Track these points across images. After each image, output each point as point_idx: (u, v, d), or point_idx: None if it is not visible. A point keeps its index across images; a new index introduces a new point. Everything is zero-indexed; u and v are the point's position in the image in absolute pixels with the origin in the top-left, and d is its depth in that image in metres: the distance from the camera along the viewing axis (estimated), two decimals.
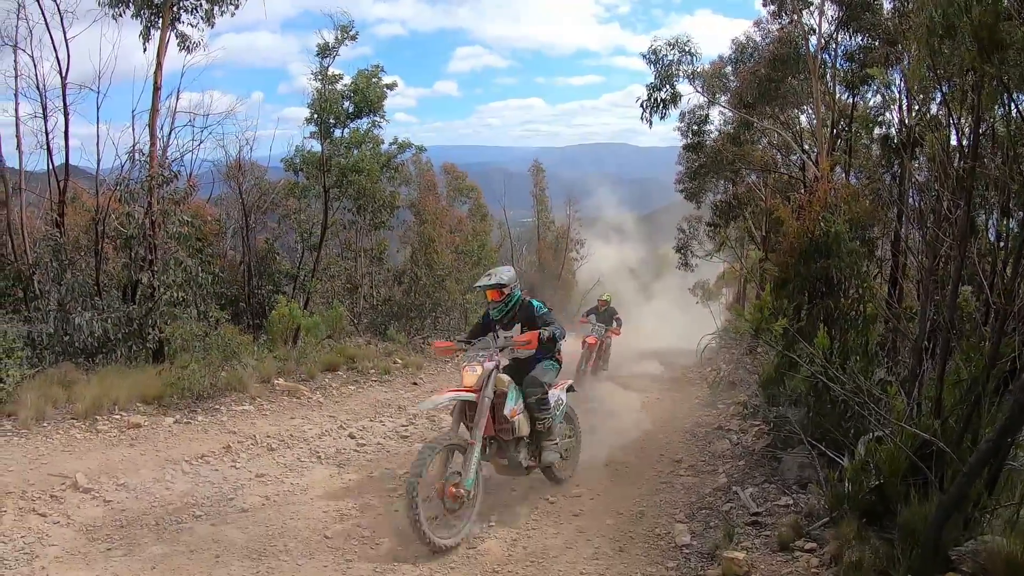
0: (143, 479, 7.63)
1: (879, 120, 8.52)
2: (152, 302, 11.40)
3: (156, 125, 11.94)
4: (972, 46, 4.64)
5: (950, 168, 6.12)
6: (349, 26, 15.47)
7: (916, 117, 6.63)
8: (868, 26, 10.76)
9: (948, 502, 4.99)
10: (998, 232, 6.25)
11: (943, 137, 5.98)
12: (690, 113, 15.28)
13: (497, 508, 7.61)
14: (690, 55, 13.49)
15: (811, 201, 8.19)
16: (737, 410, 11.70)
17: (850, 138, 11.37)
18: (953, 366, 6.01)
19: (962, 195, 5.64)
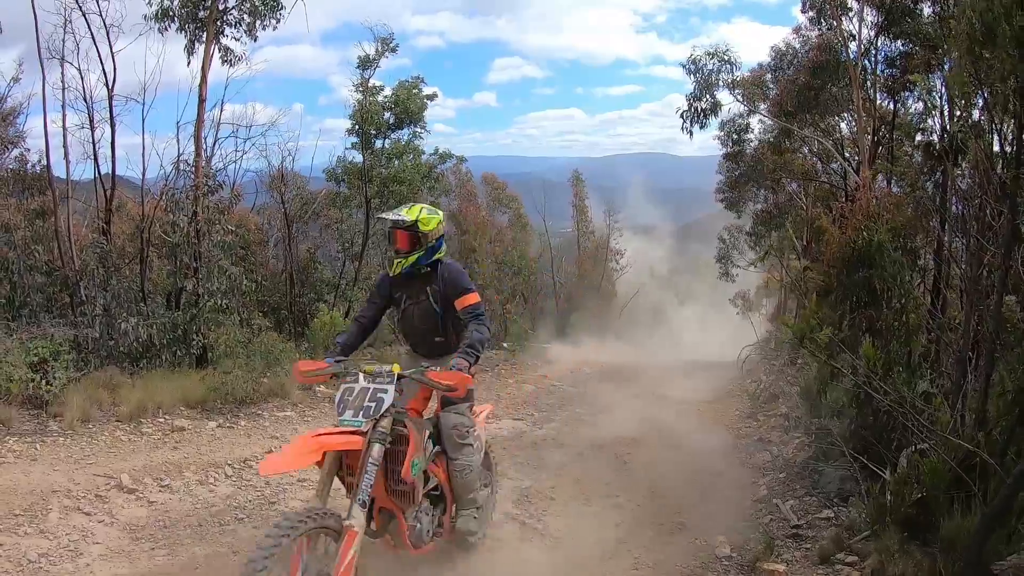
0: (186, 481, 7.81)
1: (921, 127, 8.39)
2: (196, 309, 11.64)
3: (201, 136, 12.23)
4: (1013, 52, 4.62)
5: (993, 175, 6.05)
6: (389, 38, 15.81)
7: (958, 123, 6.54)
8: (908, 31, 10.60)
9: (991, 515, 4.93)
10: None
11: (986, 143, 5.91)
12: (730, 122, 15.26)
13: (534, 515, 7.72)
14: (729, 64, 13.49)
15: (853, 210, 8.12)
16: (778, 422, 11.56)
17: (891, 145, 11.20)
18: (997, 377, 5.93)
19: (1006, 202, 5.59)
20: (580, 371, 17.28)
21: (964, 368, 6.63)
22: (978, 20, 5.07)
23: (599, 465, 9.52)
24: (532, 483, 8.67)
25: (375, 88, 16.21)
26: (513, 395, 14.09)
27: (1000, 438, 5.41)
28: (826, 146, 12.37)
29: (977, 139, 5.85)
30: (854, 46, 11.05)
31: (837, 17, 11.55)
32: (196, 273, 11.85)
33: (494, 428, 11.35)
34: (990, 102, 5.66)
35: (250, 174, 14.16)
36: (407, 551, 4.99)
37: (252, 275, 12.44)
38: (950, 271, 8.31)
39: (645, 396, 14.25)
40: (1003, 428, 5.55)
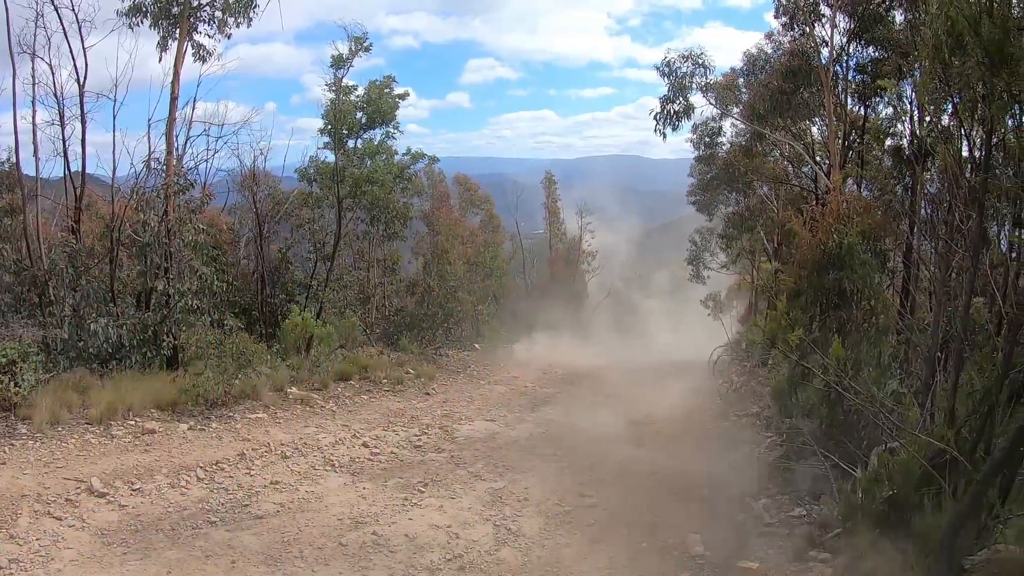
0: (158, 484, 7.73)
1: (891, 132, 8.56)
2: (167, 309, 11.50)
3: (173, 134, 12.10)
4: (983, 61, 4.71)
5: (962, 179, 6.18)
6: (363, 38, 15.71)
7: (927, 129, 6.67)
8: (880, 38, 10.81)
9: (962, 511, 5.02)
10: (1010, 243, 6.27)
11: (955, 149, 6.03)
12: (703, 125, 15.44)
13: (509, 516, 7.72)
14: (703, 67, 13.63)
15: (824, 213, 8.24)
16: (750, 421, 11.67)
17: (862, 150, 11.39)
18: (966, 377, 6.05)
19: (975, 207, 5.70)
20: (552, 372, 17.28)
21: (933, 368, 6.76)
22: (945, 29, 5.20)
23: (572, 466, 9.53)
24: (505, 484, 8.69)
25: (348, 88, 16.16)
26: (485, 396, 14.05)
27: (969, 436, 5.50)
28: (797, 150, 12.53)
29: (946, 144, 5.93)
30: (826, 51, 11.26)
31: (810, 23, 11.74)
32: (167, 273, 11.65)
33: (467, 430, 11.36)
34: (959, 108, 5.77)
35: (221, 173, 13.99)
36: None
37: (223, 275, 12.22)
38: (919, 273, 8.49)
39: (618, 397, 14.28)
40: (972, 426, 5.65)
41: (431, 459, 9.62)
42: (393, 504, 7.80)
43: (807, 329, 8.08)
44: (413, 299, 17.79)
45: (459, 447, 10.27)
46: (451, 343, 17.69)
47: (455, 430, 11.20)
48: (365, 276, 17.59)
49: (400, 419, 11.54)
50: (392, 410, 12.08)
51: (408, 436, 10.61)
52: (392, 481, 8.55)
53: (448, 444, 10.41)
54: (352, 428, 10.63)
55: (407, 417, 11.72)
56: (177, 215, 11.77)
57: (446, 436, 10.84)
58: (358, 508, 7.59)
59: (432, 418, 11.82)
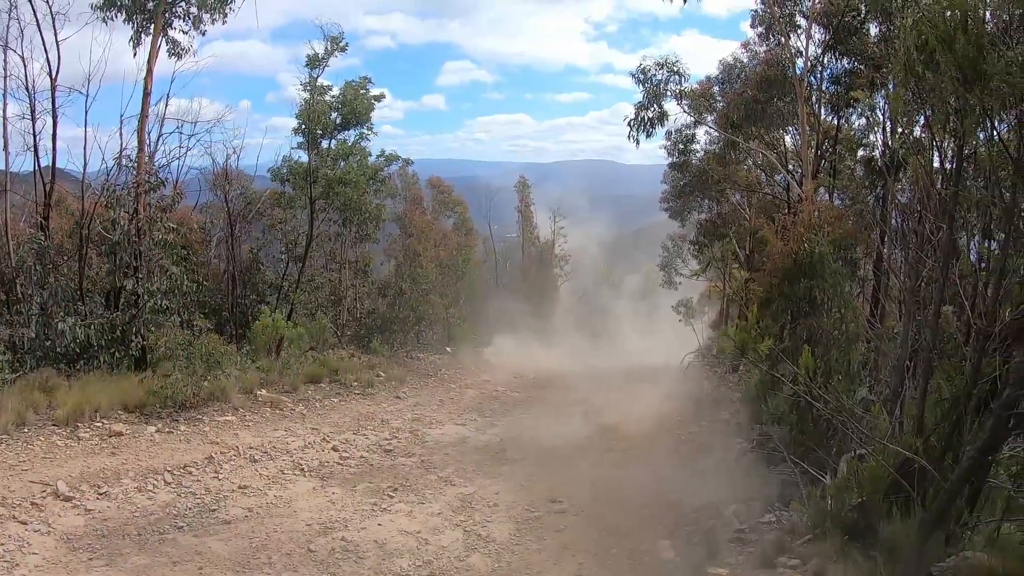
0: (125, 488, 7.56)
1: (863, 142, 8.68)
2: (136, 309, 11.26)
3: (145, 131, 11.88)
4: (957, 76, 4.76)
5: (933, 191, 6.27)
6: (339, 37, 15.59)
7: (900, 140, 6.77)
8: (854, 50, 10.99)
9: (931, 518, 5.06)
10: (979, 254, 6.37)
11: (926, 160, 6.11)
12: (677, 132, 15.44)
13: (479, 522, 7.65)
14: (678, 75, 13.69)
15: (795, 222, 8.31)
16: (720, 427, 11.73)
17: (834, 160, 11.56)
18: (935, 385, 6.12)
19: (945, 218, 5.78)
20: (523, 376, 17.24)
21: (902, 376, 6.84)
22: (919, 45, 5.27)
23: (543, 471, 9.48)
24: (475, 489, 8.64)
25: (323, 88, 15.95)
26: (456, 400, 13.97)
27: (938, 444, 5.55)
28: (770, 159, 12.66)
29: (918, 156, 6.01)
30: (801, 62, 11.38)
31: (785, 33, 11.87)
32: (136, 272, 11.39)
33: (437, 434, 11.27)
34: (931, 121, 5.85)
35: (193, 171, 13.68)
36: None
37: (194, 275, 11.97)
38: (888, 282, 8.60)
39: (588, 402, 14.27)
40: (940, 434, 5.71)
41: (401, 463, 9.52)
42: (362, 509, 7.70)
43: (778, 338, 8.11)
44: (385, 301, 17.62)
45: (429, 451, 10.19)
46: (422, 346, 17.56)
47: (425, 434, 11.11)
48: (337, 278, 17.35)
49: (370, 423, 11.41)
50: (362, 413, 11.94)
51: (378, 440, 10.49)
52: (361, 486, 8.44)
53: (418, 448, 10.32)
54: (321, 431, 10.48)
55: (377, 421, 11.59)
56: (147, 213, 11.51)
57: (416, 440, 10.75)
58: (327, 513, 7.48)
59: (402, 422, 11.71)
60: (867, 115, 10.33)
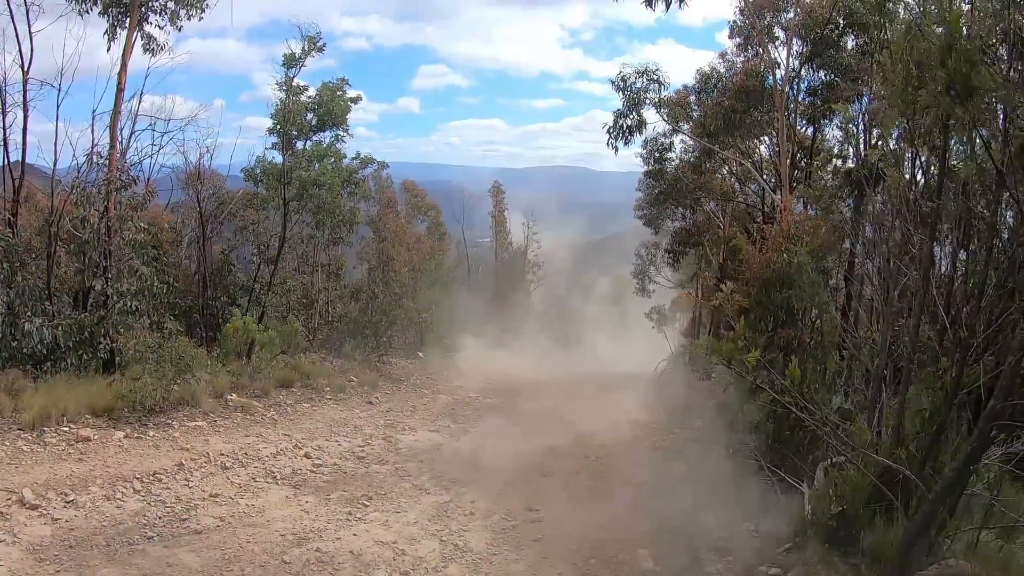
0: (93, 496, 7.29)
1: (842, 154, 8.80)
2: (105, 310, 10.90)
3: (117, 127, 11.53)
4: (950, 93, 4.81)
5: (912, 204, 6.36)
6: (316, 37, 15.28)
7: (878, 153, 6.85)
8: (831, 63, 11.16)
9: (915, 528, 5.11)
10: (954, 266, 6.47)
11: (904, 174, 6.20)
12: (652, 140, 15.56)
13: (455, 531, 7.53)
14: (658, 83, 13.78)
15: (773, 232, 8.37)
16: (694, 435, 11.76)
17: (809, 170, 11.70)
18: (913, 395, 6.19)
19: (926, 230, 5.86)
20: (495, 383, 17.11)
21: (880, 387, 6.91)
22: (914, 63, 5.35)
23: (519, 478, 9.40)
24: (451, 498, 8.52)
25: (299, 88, 15.66)
26: (428, 406, 13.82)
27: (918, 454, 5.61)
28: (746, 167, 12.78)
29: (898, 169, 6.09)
30: (781, 72, 11.49)
31: (764, 45, 12.01)
32: (106, 272, 11.01)
33: (409, 439, 11.12)
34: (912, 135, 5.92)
35: (165, 170, 13.28)
36: None
37: (164, 276, 11.60)
38: (861, 291, 8.71)
39: (561, 409, 14.22)
40: (920, 444, 5.77)
41: (375, 471, 9.35)
42: (337, 519, 7.53)
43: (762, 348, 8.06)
44: (357, 305, 17.36)
45: (403, 459, 10.05)
46: (394, 351, 17.34)
47: (399, 441, 10.97)
48: (309, 281, 17.05)
49: (343, 429, 11.22)
50: (335, 419, 11.73)
51: (351, 447, 10.31)
52: (335, 494, 8.26)
53: (392, 456, 10.17)
54: (294, 438, 10.25)
55: (350, 427, 11.40)
56: (119, 212, 11.13)
57: (390, 447, 10.60)
58: (301, 523, 7.29)
59: (375, 428, 11.54)
60: (844, 127, 10.48)
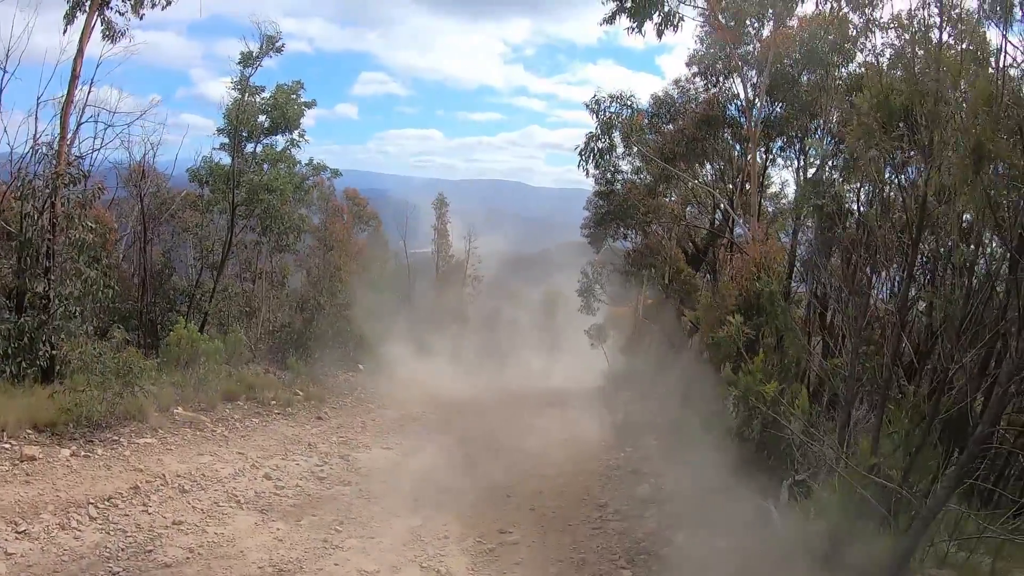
0: (46, 525, 6.70)
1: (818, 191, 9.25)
2: (46, 315, 10.03)
3: (68, 117, 10.59)
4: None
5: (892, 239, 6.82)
6: (276, 37, 14.75)
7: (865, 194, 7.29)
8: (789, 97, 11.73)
9: (908, 542, 5.40)
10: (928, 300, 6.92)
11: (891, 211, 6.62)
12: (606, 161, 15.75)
13: (434, 556, 7.38)
14: (629, 108, 14.09)
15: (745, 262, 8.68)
16: (647, 452, 11.96)
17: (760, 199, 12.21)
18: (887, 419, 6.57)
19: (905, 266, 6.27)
20: (439, 398, 16.87)
21: (850, 409, 7.29)
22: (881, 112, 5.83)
23: (483, 499, 9.34)
24: (422, 521, 8.35)
25: (255, 88, 14.99)
26: (378, 422, 13.50)
27: (895, 474, 5.93)
28: (709, 192, 13.20)
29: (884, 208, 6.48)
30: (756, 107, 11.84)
31: (728, 76, 12.50)
32: (48, 274, 10.11)
33: (366, 457, 10.83)
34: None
35: (107, 164, 12.23)
36: None
37: (108, 279, 10.68)
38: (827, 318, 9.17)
39: (508, 425, 14.20)
40: (894, 464, 6.12)
41: (339, 493, 9.07)
42: (314, 547, 7.24)
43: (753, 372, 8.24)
44: (302, 316, 16.70)
45: (365, 479, 9.80)
46: (338, 363, 16.79)
47: (356, 459, 10.70)
48: (251, 288, 16.25)
49: (297, 446, 10.81)
50: (287, 436, 11.28)
51: (309, 466, 9.96)
52: (305, 520, 7.95)
53: (352, 476, 9.90)
54: (249, 456, 9.79)
55: (304, 444, 11.00)
56: (65, 209, 10.21)
57: (348, 467, 10.32)
58: (277, 553, 6.95)
59: (329, 445, 11.20)
60: (815, 162, 11.03)
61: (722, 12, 11.91)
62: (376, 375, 17.75)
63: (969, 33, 5.50)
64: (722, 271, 11.43)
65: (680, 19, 12.13)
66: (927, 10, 5.30)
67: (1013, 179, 4.61)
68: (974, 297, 5.69)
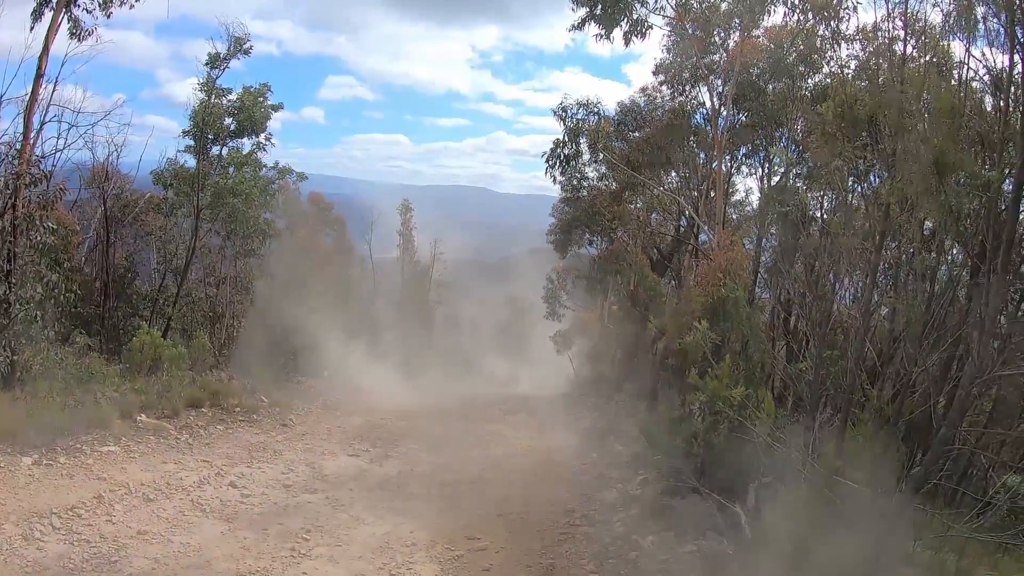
0: (8, 536, 6.48)
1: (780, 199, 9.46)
2: (6, 319, 9.66)
3: (33, 116, 10.26)
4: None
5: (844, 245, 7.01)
6: (244, 39, 14.55)
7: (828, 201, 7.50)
8: (755, 106, 11.99)
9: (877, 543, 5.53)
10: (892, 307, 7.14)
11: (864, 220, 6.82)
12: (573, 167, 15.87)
13: (403, 564, 7.30)
14: (596, 115, 14.24)
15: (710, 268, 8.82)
16: (615, 459, 12.03)
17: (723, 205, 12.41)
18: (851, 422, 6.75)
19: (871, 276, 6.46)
20: (404, 405, 16.74)
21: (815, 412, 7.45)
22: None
23: (451, 506, 9.29)
24: (390, 528, 8.27)
25: (222, 90, 14.72)
26: (343, 429, 13.31)
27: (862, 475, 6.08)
28: (674, 199, 13.38)
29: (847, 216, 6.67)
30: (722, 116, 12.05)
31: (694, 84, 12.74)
32: (8, 277, 9.76)
33: (332, 465, 10.67)
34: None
35: (69, 164, 11.82)
36: None
37: (70, 283, 10.31)
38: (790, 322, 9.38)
39: (474, 431, 14.16)
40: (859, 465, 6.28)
41: (306, 501, 8.91)
42: (281, 556, 7.10)
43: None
44: (267, 321, 16.39)
45: (331, 486, 9.65)
46: (301, 369, 16.56)
47: (322, 467, 10.53)
48: (215, 293, 15.90)
49: (262, 454, 10.61)
50: (252, 443, 11.06)
51: (275, 474, 9.77)
52: (272, 528, 7.78)
53: (319, 483, 9.75)
54: (214, 464, 9.58)
55: (269, 451, 10.79)
56: (27, 210, 9.84)
57: (315, 474, 10.15)
58: (244, 563, 6.79)
59: (295, 453, 11.00)
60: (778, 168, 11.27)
61: (690, 22, 12.13)
62: (340, 381, 17.54)
63: (933, 47, 5.70)
64: (687, 277, 11.58)
65: (648, 27, 12.33)
66: (891, 23, 5.53)
67: (974, 188, 4.79)
68: (935, 302, 5.90)
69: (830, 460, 6.61)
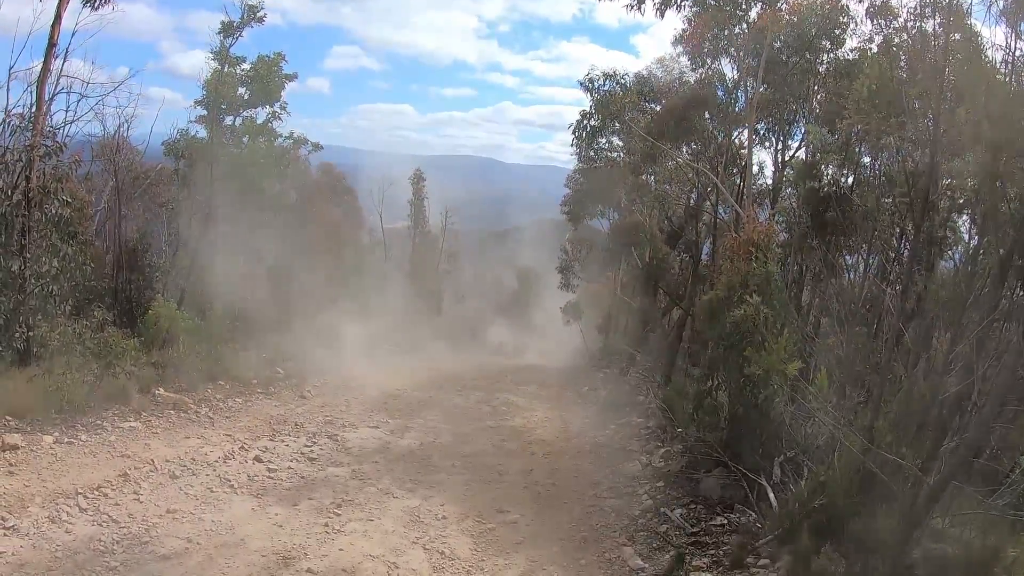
0: (35, 519, 6.37)
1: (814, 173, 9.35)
2: (22, 294, 9.51)
3: (45, 88, 9.99)
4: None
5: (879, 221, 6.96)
6: (257, 6, 14.16)
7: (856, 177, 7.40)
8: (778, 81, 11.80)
9: (914, 516, 5.57)
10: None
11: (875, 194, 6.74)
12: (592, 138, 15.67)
13: (435, 538, 7.35)
14: (621, 87, 14.00)
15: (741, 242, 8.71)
16: (633, 431, 12.09)
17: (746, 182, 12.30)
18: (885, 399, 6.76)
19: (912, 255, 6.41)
20: (417, 374, 16.79)
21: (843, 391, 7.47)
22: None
23: (476, 480, 9.32)
24: (420, 502, 8.31)
25: (235, 59, 14.44)
26: (361, 400, 13.34)
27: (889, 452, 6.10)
28: (706, 172, 13.16)
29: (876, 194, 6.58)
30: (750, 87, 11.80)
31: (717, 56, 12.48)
32: (24, 252, 9.58)
33: (354, 437, 10.72)
34: None
35: (81, 136, 11.62)
36: None
37: (84, 256, 10.18)
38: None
39: (490, 404, 14.23)
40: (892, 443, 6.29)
41: (333, 475, 8.94)
42: (316, 532, 7.11)
43: None
44: (281, 292, 16.32)
45: (356, 460, 9.69)
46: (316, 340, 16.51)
47: (345, 439, 10.57)
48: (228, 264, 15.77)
49: (284, 427, 10.64)
50: (272, 416, 11.09)
51: (299, 447, 9.81)
52: (303, 503, 7.81)
53: (344, 456, 9.78)
54: (236, 438, 9.59)
55: (291, 424, 10.83)
56: (41, 183, 9.68)
57: (338, 447, 10.19)
58: (279, 539, 6.79)
59: (316, 425, 11.04)
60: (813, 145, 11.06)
61: None
62: (353, 352, 17.56)
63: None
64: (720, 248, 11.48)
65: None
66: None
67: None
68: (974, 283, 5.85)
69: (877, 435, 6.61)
